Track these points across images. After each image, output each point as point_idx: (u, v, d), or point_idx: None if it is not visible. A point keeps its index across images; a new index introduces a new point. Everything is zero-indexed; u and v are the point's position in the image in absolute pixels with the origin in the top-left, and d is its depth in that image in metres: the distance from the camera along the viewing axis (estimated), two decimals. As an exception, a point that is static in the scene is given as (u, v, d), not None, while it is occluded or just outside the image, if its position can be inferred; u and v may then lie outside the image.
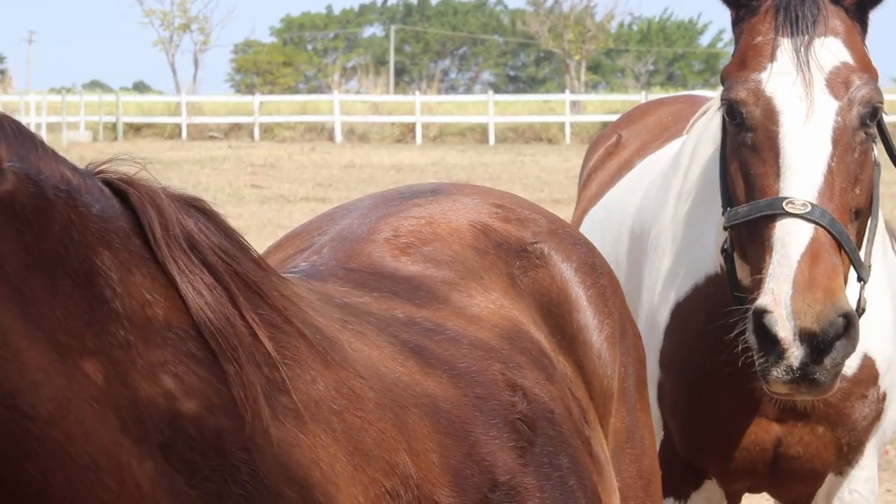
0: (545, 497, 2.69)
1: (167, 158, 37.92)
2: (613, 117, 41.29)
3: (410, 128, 49.50)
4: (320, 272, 2.92)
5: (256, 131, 49.31)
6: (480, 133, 49.20)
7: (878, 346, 4.13)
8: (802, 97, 3.59)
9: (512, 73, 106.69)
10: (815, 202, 3.47)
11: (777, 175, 3.53)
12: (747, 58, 3.68)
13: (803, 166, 3.52)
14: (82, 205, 2.02)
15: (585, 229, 4.84)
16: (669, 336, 4.03)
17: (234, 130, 50.65)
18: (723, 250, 3.81)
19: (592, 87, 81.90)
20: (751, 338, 3.43)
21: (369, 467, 2.31)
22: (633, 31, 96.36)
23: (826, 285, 3.35)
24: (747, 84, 3.64)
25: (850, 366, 4.03)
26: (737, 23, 3.80)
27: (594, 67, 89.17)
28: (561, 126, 49.24)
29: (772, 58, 3.65)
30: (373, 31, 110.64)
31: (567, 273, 3.23)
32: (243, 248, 2.30)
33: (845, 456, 4.13)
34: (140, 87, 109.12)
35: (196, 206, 2.28)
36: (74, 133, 48.47)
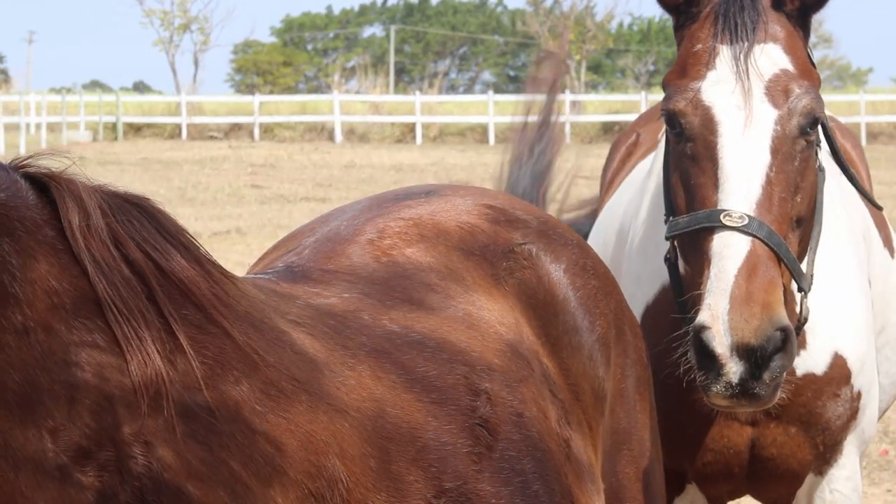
0: (502, 502, 2.67)
1: (167, 158, 37.98)
2: (614, 117, 41.34)
3: (410, 128, 49.60)
4: (294, 273, 2.92)
5: (256, 131, 49.40)
6: (480, 133, 49.28)
7: (849, 345, 4.10)
8: (741, 106, 3.55)
9: (512, 73, 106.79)
10: (752, 214, 3.44)
11: (716, 186, 3.51)
12: (687, 66, 3.64)
13: (741, 177, 3.49)
14: None
15: (594, 231, 4.84)
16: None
17: (234, 130, 50.76)
18: (665, 259, 3.82)
19: (592, 87, 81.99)
20: (690, 355, 3.41)
21: (292, 469, 2.30)
22: (634, 32, 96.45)
23: (763, 299, 3.32)
24: (686, 93, 3.60)
25: (821, 364, 4.05)
26: (678, 29, 3.75)
27: (594, 67, 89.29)
28: (561, 126, 49.28)
29: (711, 66, 3.61)
30: (373, 31, 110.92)
31: (555, 274, 3.22)
32: (182, 245, 2.29)
33: (822, 455, 4.11)
34: (140, 88, 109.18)
35: (135, 204, 2.27)
36: (74, 133, 48.51)
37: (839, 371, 4.08)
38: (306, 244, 3.11)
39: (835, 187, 4.19)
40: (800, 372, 4.01)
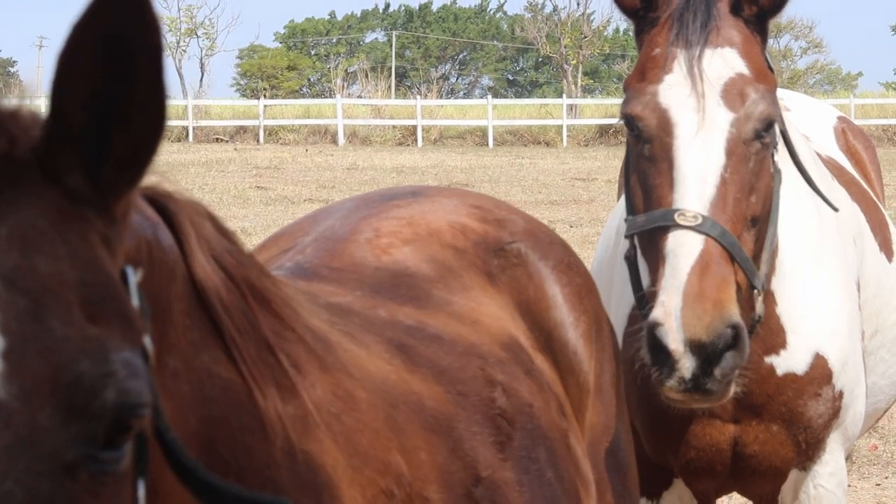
0: (524, 490, 2.72)
1: (174, 161, 37.43)
2: (610, 121, 40.72)
3: (412, 131, 49.56)
4: (305, 271, 2.92)
5: (261, 134, 49.30)
6: (480, 136, 49.27)
7: (829, 345, 4.10)
8: (696, 109, 3.58)
9: (511, 78, 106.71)
10: (706, 214, 3.46)
11: (671, 186, 3.53)
12: (646, 69, 3.69)
13: (696, 178, 3.52)
14: (160, 239, 1.97)
15: (603, 233, 4.82)
16: (627, 338, 3.97)
17: (239, 133, 50.44)
18: (625, 257, 3.86)
19: (589, 91, 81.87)
20: (644, 352, 3.42)
21: (366, 468, 2.31)
22: (630, 37, 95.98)
23: (715, 297, 3.34)
24: (644, 96, 3.64)
25: (801, 364, 4.06)
26: (638, 34, 3.80)
27: (591, 73, 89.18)
28: (558, 129, 49.33)
29: (668, 69, 3.64)
30: (374, 36, 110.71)
31: (544, 271, 3.25)
32: (244, 251, 2.24)
33: (805, 452, 4.13)
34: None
35: (204, 214, 2.18)
36: (83, 136, 48.84)
37: (820, 371, 4.08)
38: (305, 243, 3.10)
39: (822, 189, 4.18)
40: (780, 371, 4.04)
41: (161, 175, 2.07)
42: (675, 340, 3.34)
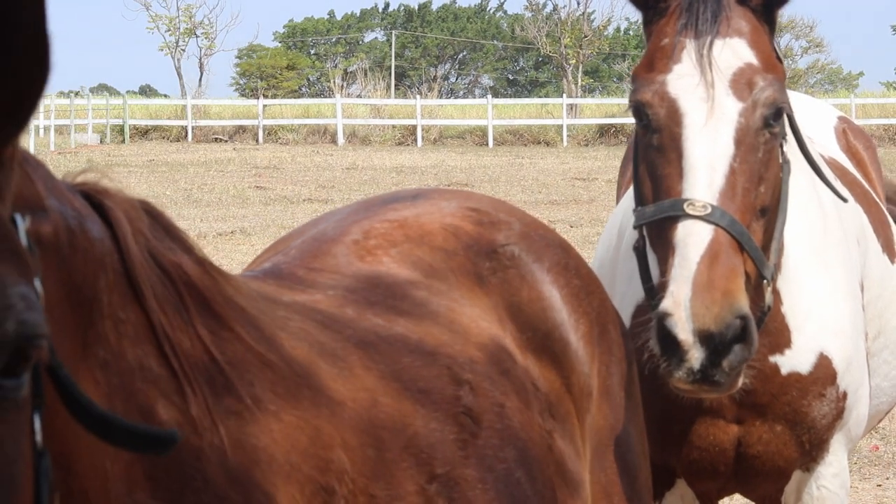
0: (487, 488, 2.72)
1: (173, 160, 37.92)
2: (610, 120, 41.03)
3: (411, 130, 49.79)
4: (281, 271, 2.96)
5: (260, 134, 49.64)
6: (480, 136, 49.49)
7: (833, 346, 4.09)
8: (705, 99, 3.58)
9: (511, 77, 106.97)
10: (715, 203, 3.45)
11: (680, 176, 3.53)
12: (654, 59, 3.68)
13: (705, 168, 3.51)
14: (88, 229, 2.00)
15: (603, 232, 4.82)
16: (632, 337, 3.90)
17: (238, 133, 50.82)
18: (634, 248, 3.86)
19: (589, 91, 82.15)
20: (653, 342, 3.41)
21: (305, 464, 2.32)
22: (631, 36, 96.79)
23: (724, 286, 3.34)
24: (653, 86, 3.64)
25: (806, 364, 4.05)
26: (647, 24, 3.79)
27: (592, 72, 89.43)
28: (558, 129, 49.49)
29: (676, 60, 3.64)
30: (374, 35, 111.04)
31: (538, 273, 3.26)
32: (188, 249, 2.27)
33: (809, 453, 4.12)
34: (146, 91, 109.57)
35: (144, 210, 2.23)
36: (82, 136, 48.83)
37: (824, 371, 4.07)
38: (294, 245, 3.15)
39: (825, 189, 4.17)
40: (785, 371, 4.03)
41: (101, 172, 2.12)
42: (684, 331, 3.32)
